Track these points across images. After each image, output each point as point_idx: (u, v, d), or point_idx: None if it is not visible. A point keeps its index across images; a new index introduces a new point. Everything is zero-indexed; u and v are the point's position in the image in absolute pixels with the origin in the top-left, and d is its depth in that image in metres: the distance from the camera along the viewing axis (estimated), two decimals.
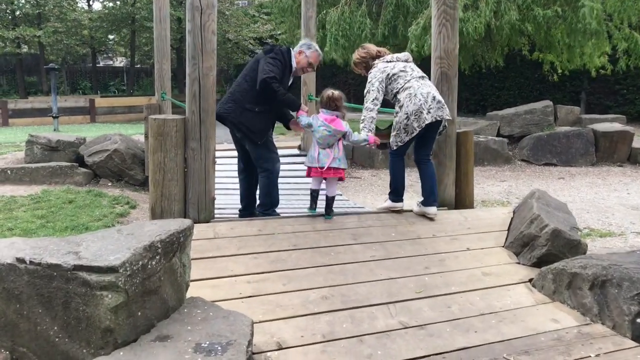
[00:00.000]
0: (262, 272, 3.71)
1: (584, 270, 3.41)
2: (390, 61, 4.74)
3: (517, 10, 12.00)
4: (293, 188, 6.63)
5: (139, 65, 27.75)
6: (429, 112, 4.48)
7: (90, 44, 23.25)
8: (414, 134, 4.53)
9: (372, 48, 4.88)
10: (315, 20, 8.72)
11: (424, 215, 4.69)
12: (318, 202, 4.74)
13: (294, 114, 4.94)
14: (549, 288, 3.59)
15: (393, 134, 4.64)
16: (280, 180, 5.10)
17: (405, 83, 4.57)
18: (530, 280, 3.78)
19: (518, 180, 9.84)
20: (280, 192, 5.10)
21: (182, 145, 4.38)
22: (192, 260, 3.79)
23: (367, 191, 8.89)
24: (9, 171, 7.65)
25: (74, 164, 8.06)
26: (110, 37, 24.74)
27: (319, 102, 4.65)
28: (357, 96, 26.64)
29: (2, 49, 19.51)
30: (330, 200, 4.67)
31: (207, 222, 4.42)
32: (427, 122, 4.48)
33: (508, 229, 4.50)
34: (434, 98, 4.52)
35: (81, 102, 18.86)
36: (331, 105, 4.54)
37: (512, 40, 14.09)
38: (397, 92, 4.62)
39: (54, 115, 14.33)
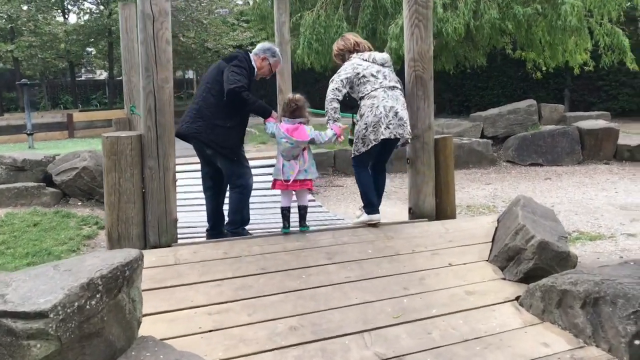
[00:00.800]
0: (225, 302, 3.39)
1: (574, 287, 3.13)
2: (366, 60, 4.54)
3: (497, 9, 11.80)
4: (268, 201, 6.31)
5: (120, 78, 27.20)
6: (388, 127, 4.36)
7: (68, 57, 22.78)
8: (369, 146, 4.40)
9: (351, 40, 4.67)
10: (289, 26, 8.43)
11: (374, 225, 4.51)
12: (291, 215, 4.47)
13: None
14: (538, 307, 3.31)
15: (354, 141, 4.53)
16: (253, 193, 4.79)
17: (372, 91, 4.41)
18: (517, 299, 3.49)
19: (504, 183, 9.59)
20: (253, 206, 4.79)
21: (138, 165, 4.06)
22: (149, 291, 3.48)
23: (349, 200, 8.59)
24: None
25: (41, 184, 7.67)
26: (88, 49, 24.26)
27: (281, 110, 4.47)
28: (342, 102, 26.38)
29: None
30: (303, 211, 4.48)
31: (169, 245, 4.10)
32: (383, 137, 4.36)
33: (492, 240, 4.22)
34: (396, 114, 4.38)
35: (58, 117, 18.36)
36: (291, 107, 4.35)
37: (493, 39, 13.90)
38: (362, 98, 4.46)
39: (28, 132, 13.88)
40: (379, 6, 13.30)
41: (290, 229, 4.44)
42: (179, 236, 4.55)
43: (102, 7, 21.35)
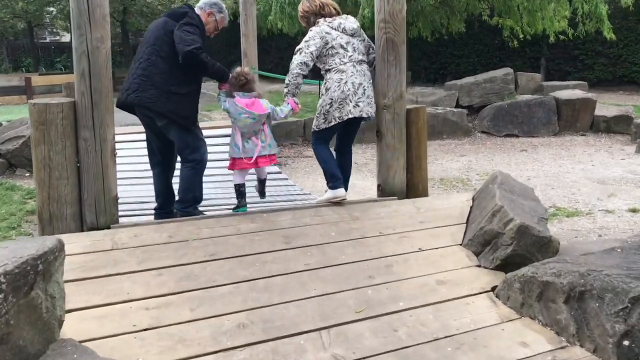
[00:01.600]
0: (166, 294, 2.98)
1: (557, 279, 2.79)
2: (335, 29, 4.19)
3: None
4: (220, 180, 5.80)
5: None
6: (357, 105, 4.12)
7: (26, 17, 21.63)
8: (332, 124, 4.14)
9: (316, 2, 4.29)
10: None
11: (339, 203, 4.16)
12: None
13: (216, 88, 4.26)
14: (516, 300, 2.97)
15: (316, 115, 4.22)
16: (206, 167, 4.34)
17: (341, 65, 4.11)
18: (493, 289, 3.15)
19: (478, 155, 9.27)
20: (205, 183, 4.35)
21: (72, 136, 3.58)
22: (79, 282, 3.04)
23: (318, 172, 8.16)
24: None
25: None
26: (48, 9, 23.08)
27: (229, 85, 4.14)
28: (315, 70, 25.70)
29: None
30: (263, 182, 4.49)
31: (108, 227, 3.66)
32: (349, 116, 4.11)
33: (467, 222, 3.87)
34: (364, 91, 4.14)
35: (15, 81, 17.48)
36: (241, 80, 4.08)
37: (470, 4, 13.47)
38: (329, 70, 4.16)
39: None
40: None
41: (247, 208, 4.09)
42: (122, 214, 4.13)
43: None
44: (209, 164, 4.31)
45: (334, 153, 4.44)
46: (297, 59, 4.09)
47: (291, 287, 3.09)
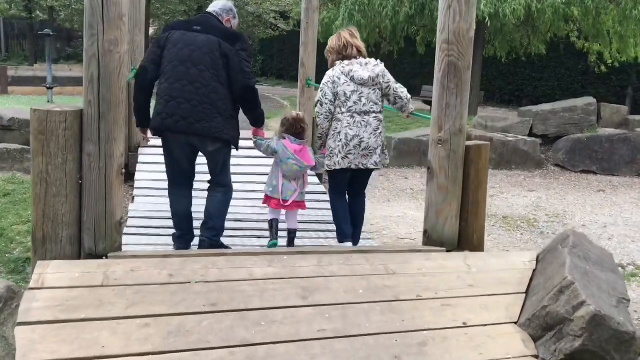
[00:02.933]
0: (147, 354, 2.48)
1: None
2: (345, 75, 4.03)
3: None
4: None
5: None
6: (345, 157, 4.02)
7: None
8: (331, 168, 4.09)
9: (341, 40, 4.14)
10: None
11: (374, 251, 3.70)
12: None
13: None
14: None
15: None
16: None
17: (338, 114, 4.04)
18: None
19: (549, 191, 8.40)
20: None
21: (75, 149, 3.16)
22: (52, 325, 2.59)
23: (369, 195, 7.35)
24: None
25: (26, 147, 6.91)
26: None
27: (281, 126, 4.10)
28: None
29: (7, 10, 18.50)
30: (293, 235, 4.18)
31: (105, 256, 3.21)
32: (336, 167, 4.04)
33: (527, 292, 3.18)
34: (360, 143, 4.01)
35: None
36: (298, 128, 4.02)
37: (554, 25, 12.53)
38: (334, 116, 4.08)
39: (47, 85, 13.30)
40: None
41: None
42: (135, 230, 3.76)
43: None
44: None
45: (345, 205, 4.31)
46: (319, 112, 4.08)
47: None
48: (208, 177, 4.01)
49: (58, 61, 19.94)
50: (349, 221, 4.16)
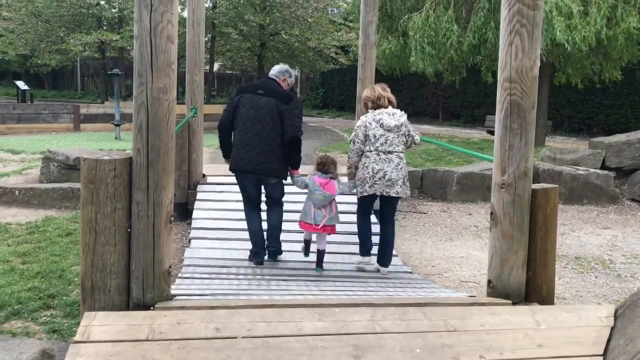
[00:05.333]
0: None
1: None
2: (377, 122, 4.95)
3: (637, 17, 9.91)
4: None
5: (231, 72, 28.62)
6: (372, 186, 4.89)
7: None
8: (361, 194, 4.98)
9: (375, 93, 5.07)
10: (376, 26, 7.25)
11: (433, 304, 3.51)
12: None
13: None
14: None
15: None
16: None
17: (367, 152, 4.94)
18: None
19: (626, 228, 7.82)
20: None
21: (125, 198, 3.13)
22: None
23: (430, 233, 7.30)
24: (16, 192, 6.81)
25: None
26: None
27: (315, 165, 5.09)
28: (445, 109, 24.65)
29: (81, 53, 19.52)
30: (321, 254, 5.04)
31: (153, 306, 3.14)
32: (366, 193, 4.92)
33: (604, 354, 2.85)
34: (384, 175, 4.87)
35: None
36: (324, 165, 4.97)
37: (628, 51, 11.94)
38: (363, 152, 4.99)
39: (115, 122, 13.79)
40: (495, 8, 11.72)
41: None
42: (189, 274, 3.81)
43: None
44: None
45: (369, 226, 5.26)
46: (352, 148, 5.04)
47: None
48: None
49: (127, 98, 20.76)
50: (371, 238, 5.11)
